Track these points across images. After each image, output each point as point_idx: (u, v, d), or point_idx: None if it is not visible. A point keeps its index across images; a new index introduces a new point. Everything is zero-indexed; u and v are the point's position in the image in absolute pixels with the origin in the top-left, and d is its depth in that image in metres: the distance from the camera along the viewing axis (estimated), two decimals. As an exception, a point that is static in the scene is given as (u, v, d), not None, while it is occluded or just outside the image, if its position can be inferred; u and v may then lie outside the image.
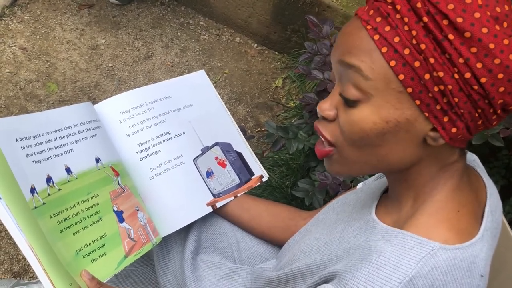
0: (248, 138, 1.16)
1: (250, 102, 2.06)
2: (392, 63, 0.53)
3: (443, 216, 0.60)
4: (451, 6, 0.51)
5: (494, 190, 0.69)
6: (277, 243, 1.02)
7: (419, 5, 0.52)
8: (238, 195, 1.04)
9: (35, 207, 0.69)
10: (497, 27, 0.51)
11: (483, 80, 0.52)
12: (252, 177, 1.08)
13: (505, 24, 0.52)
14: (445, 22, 0.51)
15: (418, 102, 0.55)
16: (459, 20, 0.50)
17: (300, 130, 1.41)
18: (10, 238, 1.60)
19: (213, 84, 1.15)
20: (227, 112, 1.13)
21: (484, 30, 0.50)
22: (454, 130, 0.56)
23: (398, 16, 0.53)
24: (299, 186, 1.36)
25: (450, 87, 0.53)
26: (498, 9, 0.52)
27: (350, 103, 0.58)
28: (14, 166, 0.68)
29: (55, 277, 0.65)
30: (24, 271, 1.56)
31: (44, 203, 0.71)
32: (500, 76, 0.52)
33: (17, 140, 0.72)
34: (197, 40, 2.19)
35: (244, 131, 1.16)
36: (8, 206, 0.64)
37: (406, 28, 0.53)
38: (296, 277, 0.77)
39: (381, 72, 0.54)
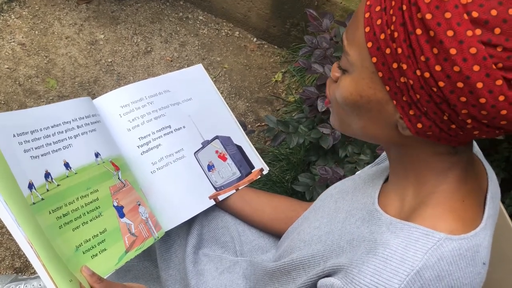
0: (248, 132, 1.15)
1: (249, 96, 2.05)
2: (369, 44, 0.54)
3: (448, 207, 0.59)
4: (427, 0, 0.48)
5: (493, 176, 0.69)
6: (280, 235, 1.02)
7: None
8: (239, 188, 1.04)
9: (34, 203, 0.69)
10: (469, 32, 0.46)
11: (441, 84, 0.49)
12: (253, 170, 1.08)
13: (497, 31, 0.46)
14: (418, 15, 0.48)
15: (387, 88, 0.55)
16: (428, 16, 0.48)
17: (301, 124, 1.41)
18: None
19: (212, 78, 1.14)
20: (225, 106, 1.13)
21: (450, 33, 0.47)
22: (419, 125, 0.54)
23: None
24: (300, 180, 1.36)
25: (411, 82, 0.51)
26: (493, 12, 0.46)
27: (341, 70, 0.61)
28: (11, 162, 0.68)
29: (55, 273, 0.64)
30: (25, 267, 1.56)
31: (42, 199, 0.70)
32: (460, 85, 0.48)
33: (14, 136, 0.71)
34: (196, 34, 2.18)
35: (244, 126, 1.16)
36: (6, 202, 0.63)
37: (391, 12, 0.51)
38: (297, 267, 0.77)
39: (360, 50, 0.55)
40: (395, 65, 0.52)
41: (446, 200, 0.60)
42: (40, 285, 1.38)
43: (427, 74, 0.50)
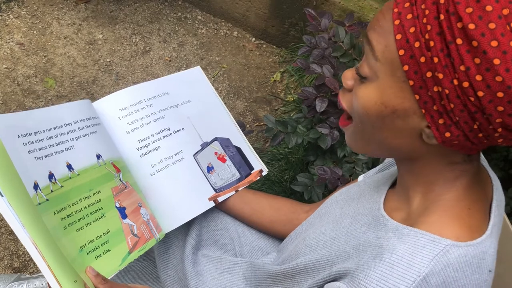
0: (247, 132, 1.16)
1: (248, 96, 2.06)
2: (401, 52, 0.53)
3: (454, 214, 0.60)
4: (469, 10, 0.48)
5: (498, 184, 0.69)
6: (279, 237, 1.03)
7: (442, 0, 0.50)
8: (239, 189, 1.04)
9: (39, 203, 0.69)
10: None
11: (480, 93, 0.49)
12: (252, 172, 1.09)
13: None
14: (459, 25, 0.49)
15: (417, 97, 0.54)
16: (471, 26, 0.48)
17: (299, 124, 1.41)
18: (10, 233, 1.60)
19: (211, 78, 1.15)
20: (224, 108, 1.14)
21: (494, 43, 0.47)
22: (448, 134, 0.55)
23: (423, 6, 0.52)
24: (298, 180, 1.36)
25: (447, 91, 0.51)
26: None
27: (361, 78, 0.59)
28: (17, 162, 0.69)
29: (60, 274, 0.65)
30: (24, 267, 1.56)
31: (47, 200, 0.71)
32: (500, 95, 0.49)
33: (19, 136, 0.72)
34: (194, 34, 2.18)
35: (242, 126, 1.17)
36: (10, 204, 0.63)
37: (424, 20, 0.51)
38: (302, 272, 0.77)
39: (390, 57, 0.55)
40: (429, 74, 0.52)
41: (452, 207, 0.61)
42: (42, 284, 1.39)
43: (466, 84, 0.50)
